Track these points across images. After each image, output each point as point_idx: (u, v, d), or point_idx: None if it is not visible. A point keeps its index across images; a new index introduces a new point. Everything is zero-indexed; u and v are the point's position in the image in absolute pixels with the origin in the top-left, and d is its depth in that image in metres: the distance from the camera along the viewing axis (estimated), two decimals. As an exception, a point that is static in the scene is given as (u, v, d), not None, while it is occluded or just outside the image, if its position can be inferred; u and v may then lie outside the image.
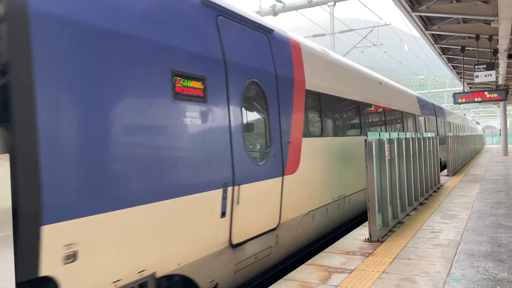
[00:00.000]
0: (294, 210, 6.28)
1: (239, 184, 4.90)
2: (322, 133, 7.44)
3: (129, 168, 3.53)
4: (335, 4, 18.41)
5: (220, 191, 4.60)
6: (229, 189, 4.74)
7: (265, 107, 5.71)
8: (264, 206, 5.48)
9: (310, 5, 17.67)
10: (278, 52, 6.18)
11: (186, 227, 4.15)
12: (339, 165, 8.00)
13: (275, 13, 18.12)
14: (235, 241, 4.87)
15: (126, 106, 3.54)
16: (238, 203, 4.88)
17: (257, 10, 18.21)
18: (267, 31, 6.00)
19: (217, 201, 4.56)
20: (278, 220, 5.81)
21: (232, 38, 5.09)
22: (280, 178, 5.86)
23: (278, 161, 5.83)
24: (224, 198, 4.65)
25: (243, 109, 5.16)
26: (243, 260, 5.11)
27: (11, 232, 1.93)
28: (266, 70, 5.75)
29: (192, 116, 4.26)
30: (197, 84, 4.36)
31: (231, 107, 4.88)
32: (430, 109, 18.97)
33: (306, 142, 6.70)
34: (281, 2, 17.53)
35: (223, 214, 4.64)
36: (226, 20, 5.04)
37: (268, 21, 6.36)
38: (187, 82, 4.23)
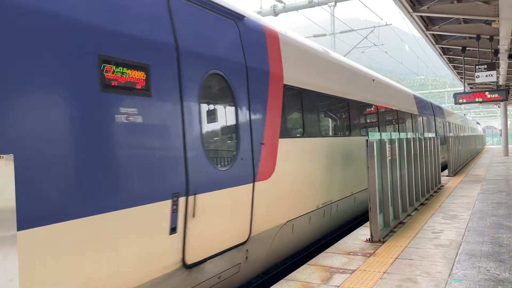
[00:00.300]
0: (268, 220, 5.60)
1: (194, 194, 4.22)
2: (304, 133, 6.76)
3: (34, 178, 2.82)
4: (335, 4, 18.44)
5: (169, 202, 3.89)
6: (181, 199, 4.04)
7: (231, 103, 4.99)
8: (230, 218, 4.80)
9: (310, 5, 17.69)
10: (250, 42, 5.45)
11: (119, 249, 3.44)
12: (324, 169, 7.34)
13: (275, 13, 18.15)
14: (190, 260, 4.21)
15: (22, 101, 2.83)
16: (194, 216, 4.22)
17: (258, 10, 18.24)
18: (236, 17, 5.26)
19: (164, 215, 3.86)
20: (248, 233, 5.14)
21: (188, 22, 4.41)
22: (250, 184, 5.16)
23: (248, 165, 5.12)
24: (175, 210, 3.97)
25: (202, 105, 4.47)
26: (202, 282, 4.45)
27: (15, 231, 1.90)
28: (233, 61, 5.04)
29: (129, 112, 3.56)
30: (138, 74, 3.68)
31: (185, 102, 4.19)
32: (429, 108, 18.82)
33: (284, 144, 5.99)
34: (281, 2, 17.55)
35: (173, 230, 3.96)
36: (181, 1, 4.36)
37: (238, 6, 5.62)
38: (123, 70, 3.54)
